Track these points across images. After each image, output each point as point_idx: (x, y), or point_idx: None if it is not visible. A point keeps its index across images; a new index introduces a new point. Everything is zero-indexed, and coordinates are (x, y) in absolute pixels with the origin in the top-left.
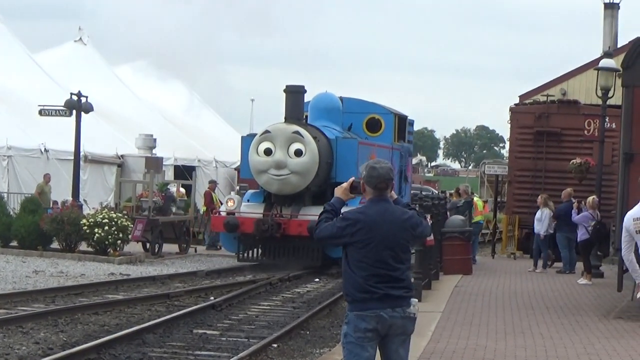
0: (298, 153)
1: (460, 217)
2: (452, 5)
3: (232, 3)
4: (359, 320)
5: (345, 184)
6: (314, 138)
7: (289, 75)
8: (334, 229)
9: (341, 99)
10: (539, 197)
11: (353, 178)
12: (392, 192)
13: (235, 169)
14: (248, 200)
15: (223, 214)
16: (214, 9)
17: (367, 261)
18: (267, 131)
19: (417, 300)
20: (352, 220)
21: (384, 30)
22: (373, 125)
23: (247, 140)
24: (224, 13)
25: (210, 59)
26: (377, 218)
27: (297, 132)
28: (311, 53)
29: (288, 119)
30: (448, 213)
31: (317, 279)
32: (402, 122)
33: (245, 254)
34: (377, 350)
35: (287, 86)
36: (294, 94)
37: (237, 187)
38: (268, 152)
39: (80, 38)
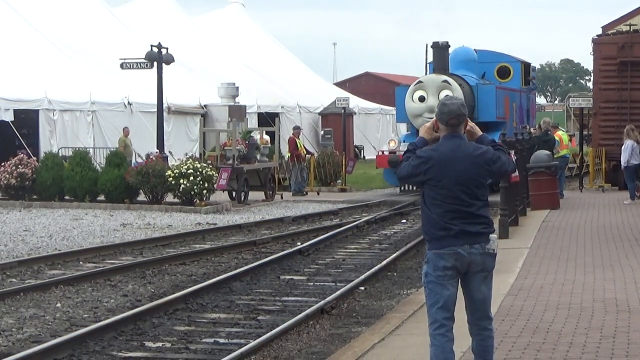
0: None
1: (546, 152)
2: None
3: None
4: (437, 258)
5: (428, 123)
6: (460, 85)
7: (368, 15)
8: (410, 168)
9: (475, 50)
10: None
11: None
12: (476, 128)
13: (318, 114)
14: (404, 141)
15: (386, 153)
16: None
17: (441, 198)
18: (420, 81)
19: (496, 236)
20: (425, 158)
21: None
22: (503, 73)
23: (400, 90)
24: None
25: (291, 4)
26: (449, 154)
27: (445, 81)
28: None
29: (436, 70)
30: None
31: (404, 220)
32: (527, 69)
33: (404, 187)
34: (460, 288)
35: (434, 42)
36: (440, 49)
37: (322, 132)
38: (422, 99)
39: None
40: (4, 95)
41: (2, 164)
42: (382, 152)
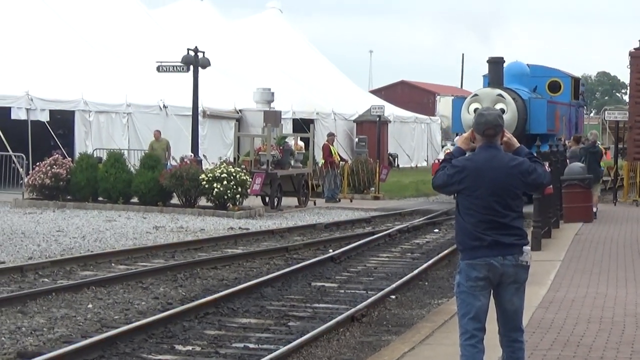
0: (502, 111)
1: (580, 164)
2: None
3: None
4: (470, 268)
5: (466, 134)
6: (513, 99)
7: (406, 25)
8: (445, 177)
9: (528, 65)
10: None
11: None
12: (514, 140)
13: (353, 121)
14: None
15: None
16: None
17: (475, 208)
18: (475, 94)
19: (529, 248)
20: (460, 167)
21: None
22: (554, 87)
23: (456, 102)
24: None
25: (328, 10)
26: (484, 164)
27: (500, 95)
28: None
29: (492, 84)
30: (567, 161)
31: (436, 230)
32: (576, 83)
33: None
34: (492, 299)
35: (489, 57)
36: (496, 64)
37: (356, 140)
38: (477, 111)
39: None
40: (40, 95)
41: (37, 163)
42: (438, 160)
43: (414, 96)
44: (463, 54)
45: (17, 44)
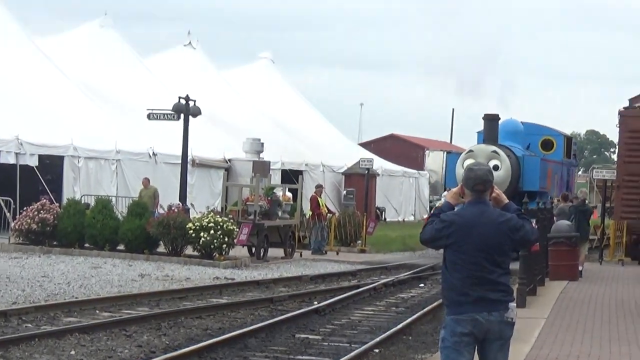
0: (495, 168)
1: (567, 222)
2: (557, 9)
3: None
4: (455, 324)
5: (455, 189)
6: (507, 156)
7: (396, 77)
8: (433, 231)
9: (522, 123)
10: None
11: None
12: (503, 196)
13: (342, 173)
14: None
15: None
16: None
17: (462, 263)
18: (470, 150)
19: (515, 304)
20: (448, 222)
21: (491, 34)
22: (547, 145)
23: (451, 157)
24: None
25: (320, 62)
26: (472, 220)
27: (494, 151)
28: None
29: (486, 140)
30: (555, 218)
31: (421, 284)
32: (569, 142)
33: None
34: (476, 355)
35: (485, 114)
36: (491, 120)
37: (344, 192)
38: None
39: (190, 42)
40: (30, 140)
41: (25, 208)
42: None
43: (403, 150)
44: (453, 109)
45: (7, 87)
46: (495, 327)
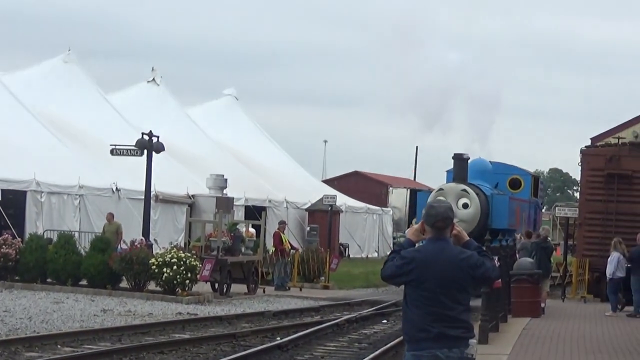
0: (465, 206)
1: (529, 259)
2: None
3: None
4: (415, 359)
5: (416, 226)
6: (477, 194)
7: (359, 114)
8: (393, 268)
9: (490, 162)
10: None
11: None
12: (464, 233)
13: (305, 210)
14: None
15: None
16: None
17: (422, 299)
18: (441, 189)
19: (475, 341)
20: (408, 258)
21: (456, 69)
22: (514, 184)
23: (421, 195)
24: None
25: (283, 99)
26: (432, 257)
27: (464, 190)
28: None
29: (456, 179)
30: (517, 255)
31: (384, 320)
32: (536, 181)
33: None
34: None
35: (455, 154)
36: (460, 160)
37: (308, 228)
38: None
39: (154, 78)
40: None
41: None
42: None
43: (367, 187)
44: (417, 147)
45: None
46: None
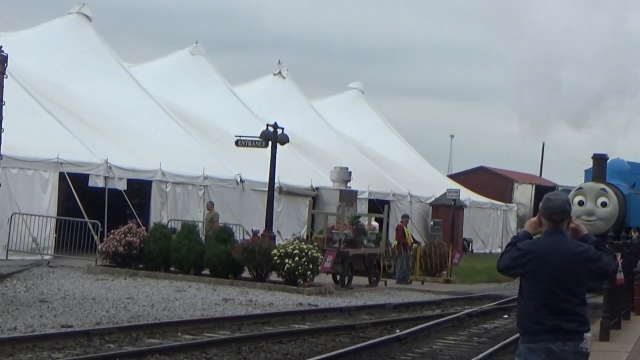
0: (604, 204)
1: None
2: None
3: None
4: (529, 352)
5: (534, 218)
6: (615, 193)
7: (487, 111)
8: (509, 260)
9: (628, 162)
10: None
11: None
12: (582, 227)
13: (429, 204)
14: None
15: None
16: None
17: (538, 292)
18: (580, 188)
19: (590, 335)
20: (524, 251)
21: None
22: None
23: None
24: None
25: (409, 93)
26: (548, 249)
27: (603, 189)
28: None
29: (595, 178)
30: None
31: (505, 315)
32: None
33: None
34: None
35: (594, 154)
36: (599, 160)
37: (431, 223)
38: (580, 203)
39: (280, 72)
40: (119, 164)
41: (112, 231)
42: None
43: (492, 182)
44: (544, 143)
45: (98, 112)
46: (570, 357)
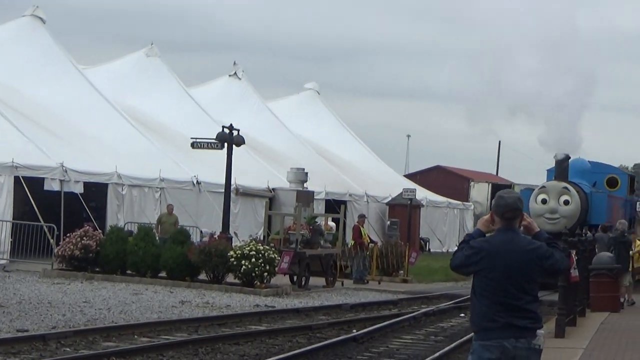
0: (566, 202)
1: (608, 253)
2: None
3: None
4: (482, 349)
5: (487, 216)
6: (577, 192)
7: (442, 110)
8: (462, 258)
9: (589, 162)
10: None
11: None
12: (534, 224)
13: (386, 204)
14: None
15: None
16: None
17: (490, 289)
18: (543, 186)
19: (543, 332)
20: (477, 249)
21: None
22: (612, 183)
23: (524, 193)
24: None
25: (366, 92)
26: (500, 247)
27: (565, 188)
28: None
29: (557, 177)
30: (596, 249)
31: (462, 314)
32: (632, 180)
33: None
34: None
35: (556, 154)
36: (562, 160)
37: (388, 222)
38: (544, 201)
39: (235, 73)
40: (75, 167)
41: (68, 235)
42: None
43: (448, 181)
44: (500, 141)
45: (53, 115)
46: (522, 354)
